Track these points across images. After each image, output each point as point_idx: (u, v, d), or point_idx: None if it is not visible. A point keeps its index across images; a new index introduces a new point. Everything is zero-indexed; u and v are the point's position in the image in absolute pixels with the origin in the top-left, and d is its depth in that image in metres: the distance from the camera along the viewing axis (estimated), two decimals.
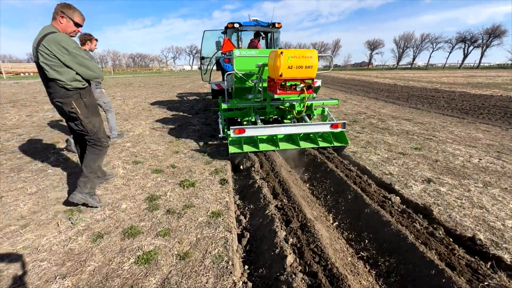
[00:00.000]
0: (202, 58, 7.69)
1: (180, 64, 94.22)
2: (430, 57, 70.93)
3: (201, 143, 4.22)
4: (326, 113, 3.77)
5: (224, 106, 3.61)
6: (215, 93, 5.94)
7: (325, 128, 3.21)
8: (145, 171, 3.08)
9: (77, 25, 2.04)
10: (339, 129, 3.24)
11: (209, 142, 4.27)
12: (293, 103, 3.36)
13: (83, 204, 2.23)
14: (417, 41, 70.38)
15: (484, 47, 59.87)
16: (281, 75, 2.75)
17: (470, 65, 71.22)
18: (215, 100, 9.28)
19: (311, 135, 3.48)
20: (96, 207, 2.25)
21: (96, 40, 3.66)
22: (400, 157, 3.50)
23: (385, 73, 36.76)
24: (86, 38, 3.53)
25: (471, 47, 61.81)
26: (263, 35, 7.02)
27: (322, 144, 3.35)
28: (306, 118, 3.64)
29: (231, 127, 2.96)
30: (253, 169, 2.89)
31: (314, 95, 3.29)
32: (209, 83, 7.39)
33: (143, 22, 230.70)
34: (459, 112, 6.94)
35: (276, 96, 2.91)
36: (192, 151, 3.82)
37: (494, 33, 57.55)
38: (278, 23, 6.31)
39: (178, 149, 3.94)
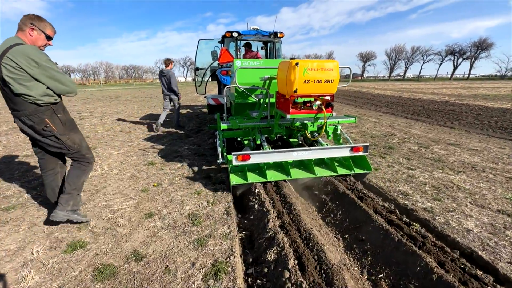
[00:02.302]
0: (197, 69, 7.03)
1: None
2: (421, 68, 72.39)
3: (190, 193, 2.82)
4: (339, 131, 3.23)
5: (223, 126, 3.05)
6: (212, 109, 5.12)
7: (345, 152, 2.73)
8: (80, 276, 1.63)
9: (49, 38, 1.92)
10: (361, 153, 2.75)
11: (202, 188, 2.87)
12: (305, 121, 2.84)
13: (67, 221, 2.08)
14: (408, 54, 72.02)
15: (473, 59, 61.47)
16: (295, 91, 2.23)
17: (459, 77, 72.98)
18: (211, 116, 8.13)
19: (325, 159, 2.99)
20: (82, 222, 2.13)
21: (173, 62, 5.85)
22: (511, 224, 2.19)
23: (381, 84, 36.52)
24: (170, 61, 5.75)
25: (461, 59, 63.43)
26: (263, 45, 6.49)
27: (340, 171, 2.86)
28: (321, 140, 3.17)
29: (233, 153, 2.44)
30: (288, 275, 1.50)
31: (334, 113, 2.76)
32: (204, 96, 6.65)
33: (138, 35, 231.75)
34: (503, 132, 5.79)
35: (288, 117, 2.40)
36: (175, 212, 2.41)
37: (481, 46, 59.26)
38: (280, 33, 5.79)
39: (154, 206, 2.52)
